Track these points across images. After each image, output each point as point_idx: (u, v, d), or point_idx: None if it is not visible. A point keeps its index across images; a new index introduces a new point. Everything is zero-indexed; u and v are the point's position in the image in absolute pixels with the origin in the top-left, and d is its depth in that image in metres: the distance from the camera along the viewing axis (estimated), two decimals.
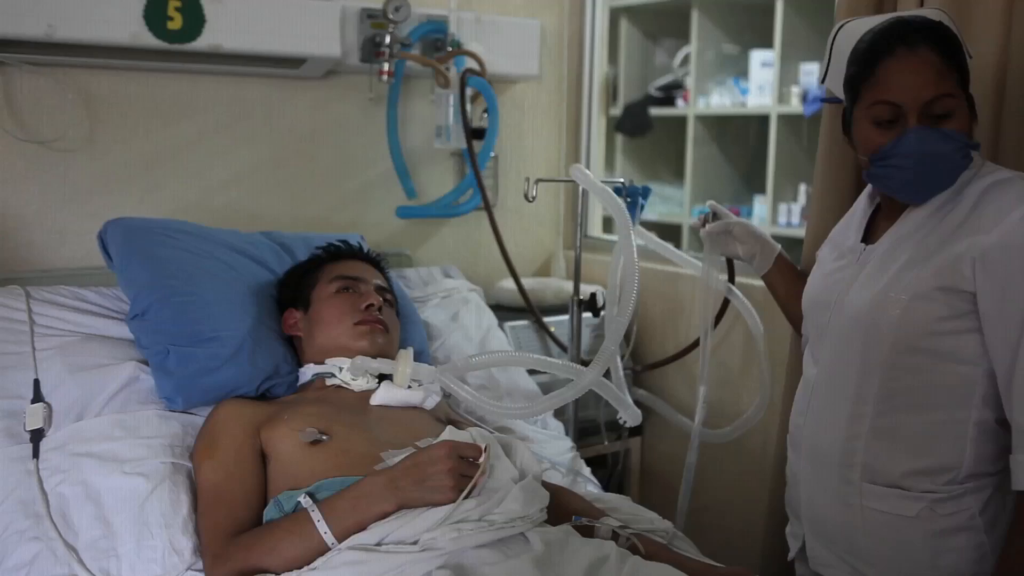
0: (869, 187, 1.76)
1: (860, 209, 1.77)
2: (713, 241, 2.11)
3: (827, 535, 1.73)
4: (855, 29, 1.65)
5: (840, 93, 1.68)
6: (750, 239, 2.05)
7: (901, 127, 1.54)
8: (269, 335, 2.00)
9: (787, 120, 4.09)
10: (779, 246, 2.05)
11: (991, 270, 1.48)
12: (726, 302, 2.33)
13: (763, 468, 2.43)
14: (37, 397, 1.81)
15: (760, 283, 2.11)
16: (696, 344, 2.55)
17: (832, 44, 1.72)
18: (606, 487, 2.39)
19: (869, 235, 1.72)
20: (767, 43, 4.13)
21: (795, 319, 2.03)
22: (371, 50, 2.50)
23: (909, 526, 1.61)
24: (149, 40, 2.15)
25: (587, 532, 1.66)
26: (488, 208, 2.58)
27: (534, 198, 2.20)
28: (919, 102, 1.51)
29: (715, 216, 2.13)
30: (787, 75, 4.08)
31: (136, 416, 1.82)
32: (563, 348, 2.62)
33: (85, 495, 1.67)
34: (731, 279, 2.29)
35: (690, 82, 4.50)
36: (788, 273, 2.04)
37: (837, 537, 1.71)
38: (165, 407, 1.87)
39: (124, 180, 2.34)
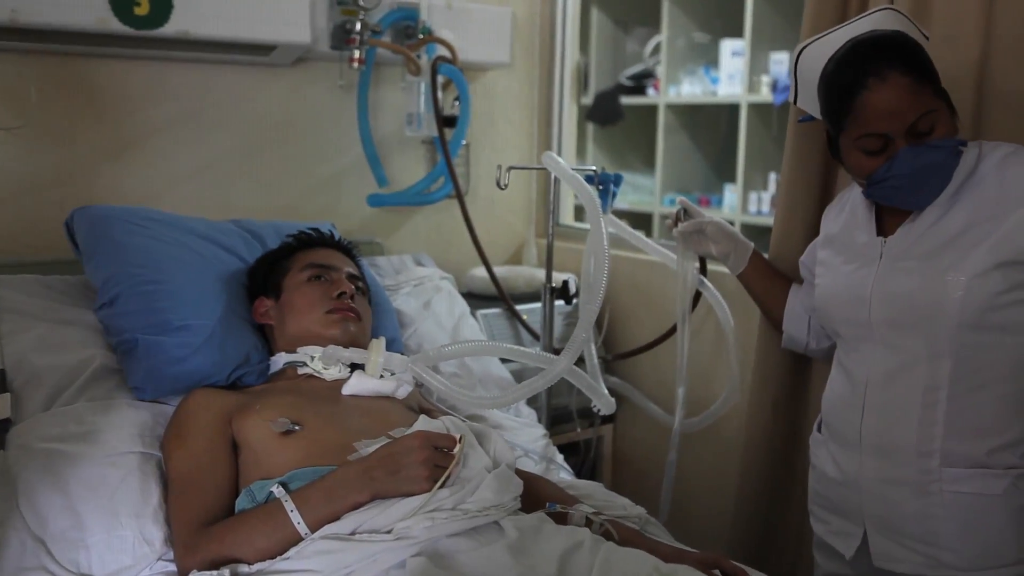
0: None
1: (861, 206, 1.77)
2: (687, 240, 2.11)
3: (899, 529, 1.71)
4: (816, 53, 1.70)
5: (814, 112, 1.74)
6: (724, 239, 2.05)
7: (892, 150, 1.59)
8: (239, 323, 1.98)
9: (757, 109, 4.12)
10: (752, 244, 2.05)
11: None
12: (698, 294, 2.34)
13: (731, 457, 2.45)
14: (4, 387, 1.78)
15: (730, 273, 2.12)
16: (668, 334, 2.56)
17: (796, 69, 1.78)
18: (578, 474, 2.40)
19: (880, 229, 1.74)
20: (737, 32, 4.15)
21: (774, 316, 2.04)
22: (341, 37, 2.48)
23: (994, 505, 1.62)
24: (116, 26, 2.12)
25: (561, 519, 1.66)
26: (460, 196, 2.58)
27: (506, 186, 2.20)
28: (904, 127, 1.56)
29: (686, 214, 2.12)
30: (757, 64, 4.10)
31: (105, 405, 1.80)
32: (535, 336, 2.63)
33: (53, 485, 1.65)
34: (703, 271, 2.29)
35: (661, 71, 4.51)
36: (763, 271, 2.05)
37: (911, 529, 1.69)
38: (134, 396, 1.85)
39: (91, 168, 2.31)
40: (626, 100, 4.62)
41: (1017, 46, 1.75)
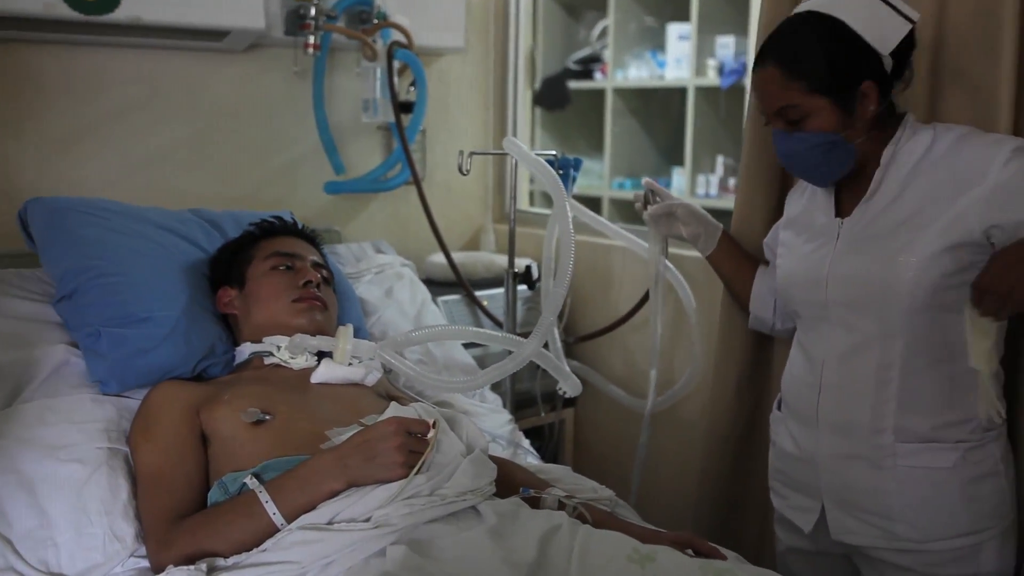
0: None
1: (821, 188, 1.81)
2: (656, 223, 2.12)
3: (855, 503, 1.75)
4: None
5: None
6: (693, 221, 2.06)
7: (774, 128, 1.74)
8: (203, 314, 1.95)
9: (704, 92, 4.15)
10: (721, 226, 2.07)
11: (998, 212, 1.56)
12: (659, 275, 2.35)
13: (693, 436, 2.48)
14: None
15: (692, 254, 2.13)
16: (632, 313, 2.58)
17: None
18: (542, 458, 2.41)
19: (838, 210, 1.78)
20: (684, 17, 4.17)
21: (742, 297, 2.06)
22: (296, 22, 2.45)
23: (944, 478, 1.67)
24: (64, 11, 2.07)
25: (533, 503, 1.67)
26: (418, 182, 2.56)
27: (468, 171, 2.19)
28: (771, 111, 1.70)
29: (654, 195, 2.13)
30: (704, 48, 4.13)
31: (69, 400, 1.76)
32: (496, 322, 2.63)
33: (18, 483, 1.61)
34: (664, 252, 2.31)
35: (608, 55, 4.52)
36: (733, 252, 2.06)
37: (867, 503, 1.73)
38: (98, 391, 1.82)
39: (41, 159, 2.25)
40: (573, 84, 4.63)
41: (969, 28, 1.78)
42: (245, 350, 1.91)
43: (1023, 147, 1.59)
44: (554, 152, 2.28)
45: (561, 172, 2.25)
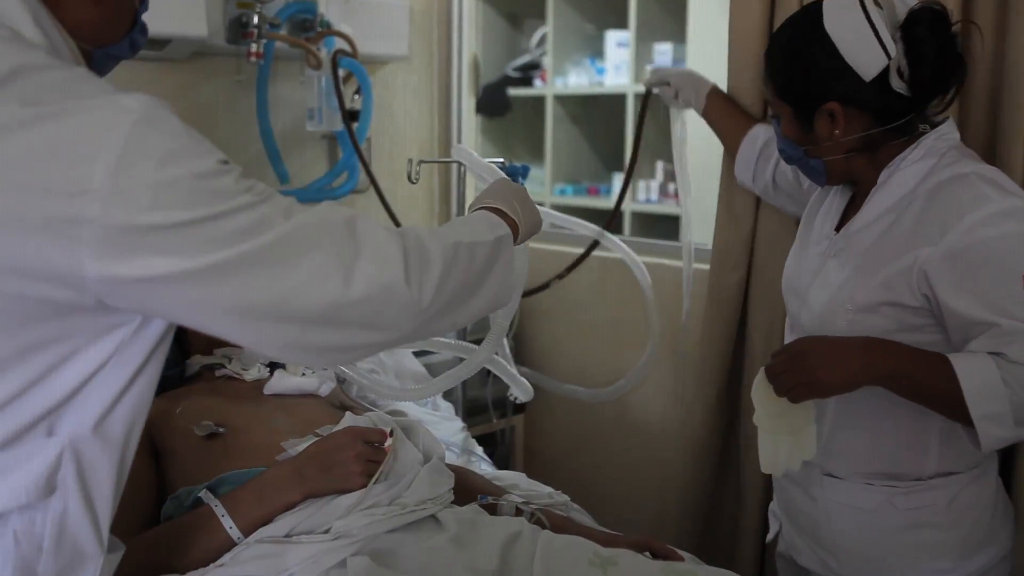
0: None
1: (839, 194, 1.69)
2: (663, 93, 2.18)
3: (798, 524, 1.72)
4: None
5: None
6: (687, 85, 2.10)
7: None
8: None
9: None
10: (712, 83, 2.09)
11: (939, 281, 1.43)
12: (594, 244, 2.37)
13: (654, 442, 2.49)
14: None
15: (655, 260, 2.13)
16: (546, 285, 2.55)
17: None
18: (494, 464, 2.42)
19: (843, 222, 1.65)
20: (622, 24, 4.22)
21: (732, 149, 2.04)
22: (238, 31, 2.41)
23: (869, 520, 1.59)
24: None
25: (491, 510, 1.67)
26: (377, 188, 2.55)
27: (417, 179, 2.18)
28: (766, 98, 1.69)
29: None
30: (642, 55, 4.17)
31: None
32: None
33: None
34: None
35: (547, 62, 4.55)
36: (723, 108, 2.06)
37: (806, 526, 1.70)
38: None
39: None
40: (513, 91, 4.65)
41: None
42: (195, 363, 1.89)
43: (1011, 212, 1.40)
44: (502, 159, 2.29)
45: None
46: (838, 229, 1.63)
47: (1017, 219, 1.40)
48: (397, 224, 2.59)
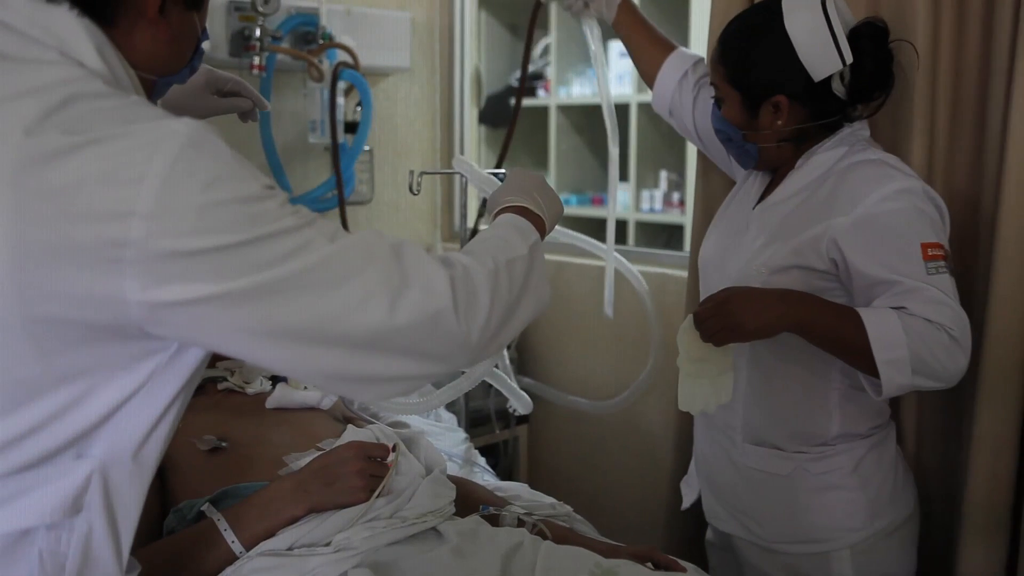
0: None
1: (758, 178, 1.81)
2: (580, 13, 2.12)
3: (719, 491, 1.81)
4: None
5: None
6: None
7: None
8: None
9: (647, 109, 4.18)
10: None
11: (848, 246, 1.56)
12: None
13: (653, 449, 2.49)
14: None
15: (659, 270, 2.12)
16: None
17: None
18: (497, 475, 2.41)
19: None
20: None
21: (647, 75, 2.09)
22: (240, 44, 2.44)
23: (785, 485, 1.70)
24: None
25: (493, 521, 1.67)
26: (342, 202, 2.56)
27: (419, 191, 2.19)
28: (710, 80, 1.74)
29: None
30: None
31: None
32: None
33: None
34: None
35: (551, 72, 4.56)
36: (633, 21, 2.07)
37: (727, 494, 1.79)
38: None
39: None
40: None
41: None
42: None
43: (910, 190, 1.56)
44: (503, 171, 2.29)
45: None
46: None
47: (917, 196, 1.56)
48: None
